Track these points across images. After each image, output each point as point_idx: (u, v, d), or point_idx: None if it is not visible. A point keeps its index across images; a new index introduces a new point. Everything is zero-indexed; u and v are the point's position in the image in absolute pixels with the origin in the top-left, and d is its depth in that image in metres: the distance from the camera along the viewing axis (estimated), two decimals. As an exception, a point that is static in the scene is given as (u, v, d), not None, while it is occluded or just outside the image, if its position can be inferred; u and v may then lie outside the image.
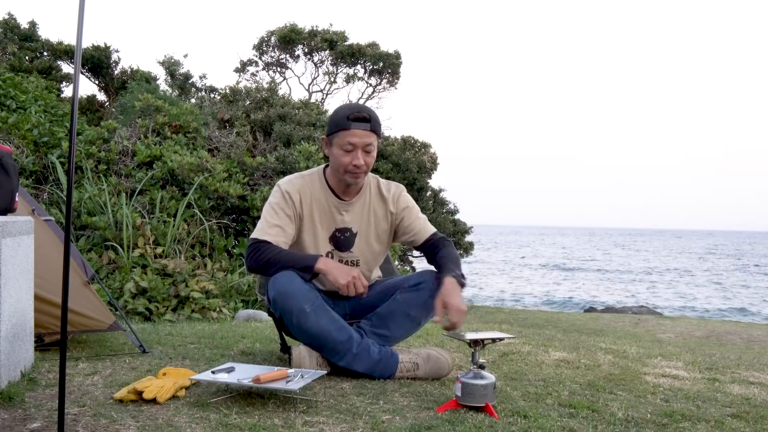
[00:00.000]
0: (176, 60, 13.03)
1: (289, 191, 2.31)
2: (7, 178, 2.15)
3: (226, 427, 1.63)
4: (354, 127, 2.22)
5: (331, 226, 2.36)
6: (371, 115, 2.25)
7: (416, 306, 2.29)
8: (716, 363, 3.04)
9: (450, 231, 11.41)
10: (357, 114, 2.22)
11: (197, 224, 6.57)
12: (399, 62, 13.16)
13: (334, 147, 2.27)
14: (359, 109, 2.26)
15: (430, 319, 2.39)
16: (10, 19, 12.59)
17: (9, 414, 1.69)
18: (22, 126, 6.91)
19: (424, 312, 2.32)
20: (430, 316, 2.39)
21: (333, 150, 2.28)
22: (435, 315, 2.10)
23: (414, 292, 2.31)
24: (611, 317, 9.64)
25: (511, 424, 1.73)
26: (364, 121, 2.22)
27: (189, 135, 8.13)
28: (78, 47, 1.39)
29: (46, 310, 2.40)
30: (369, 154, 2.26)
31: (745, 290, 24.93)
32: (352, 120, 2.21)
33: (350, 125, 2.22)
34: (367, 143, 2.24)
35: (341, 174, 2.28)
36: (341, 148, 2.24)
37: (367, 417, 1.75)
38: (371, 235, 2.40)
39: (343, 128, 2.23)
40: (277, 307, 2.19)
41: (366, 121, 2.23)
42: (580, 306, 17.49)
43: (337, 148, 2.25)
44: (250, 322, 4.28)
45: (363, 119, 2.22)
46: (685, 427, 1.80)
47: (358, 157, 2.22)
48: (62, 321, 1.39)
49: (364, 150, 2.24)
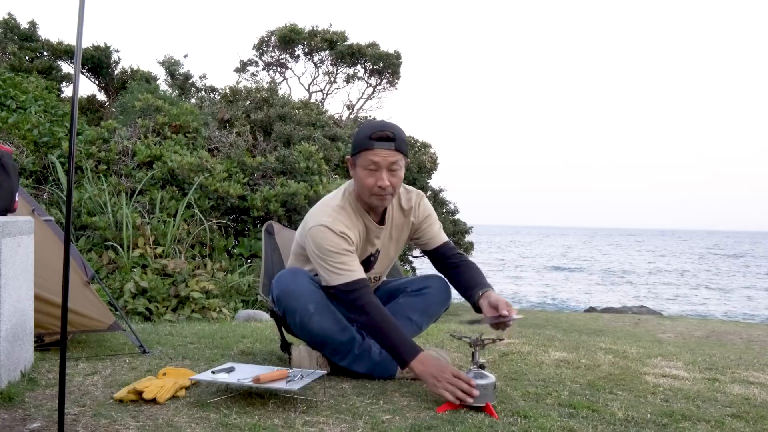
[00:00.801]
0: (176, 60, 13.02)
1: (344, 232, 2.13)
2: (7, 178, 2.15)
3: (226, 427, 1.63)
4: (377, 147, 2.09)
5: (366, 251, 2.29)
6: (395, 133, 2.12)
7: (418, 311, 2.29)
8: (716, 363, 3.04)
9: (450, 231, 11.41)
10: (380, 133, 2.10)
11: (197, 224, 6.57)
12: (399, 62, 13.15)
13: (358, 168, 2.16)
14: (382, 127, 2.13)
15: (431, 323, 2.40)
16: (10, 19, 12.59)
17: (9, 414, 1.69)
18: (22, 126, 6.91)
19: (425, 317, 2.32)
20: (432, 321, 2.39)
21: (357, 171, 2.16)
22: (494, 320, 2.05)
23: (417, 296, 2.31)
24: (611, 317, 9.64)
25: (511, 424, 1.73)
26: (388, 140, 2.10)
27: (189, 135, 8.13)
28: (78, 47, 1.39)
29: (46, 310, 2.40)
30: (394, 174, 2.13)
31: (749, 292, 24.82)
32: (374, 139, 2.10)
33: (373, 145, 2.10)
34: (391, 162, 2.11)
35: (367, 197, 2.17)
36: (365, 168, 2.12)
37: (367, 417, 1.75)
38: (392, 248, 2.37)
39: (366, 148, 2.11)
40: (280, 305, 2.19)
41: (390, 140, 2.10)
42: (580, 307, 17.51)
43: (361, 168, 2.14)
44: (250, 322, 4.28)
45: (386, 138, 2.10)
46: (685, 427, 1.80)
47: (383, 178, 2.10)
48: (62, 321, 1.39)
49: (389, 170, 2.11)
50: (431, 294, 2.30)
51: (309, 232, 2.15)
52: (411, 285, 2.35)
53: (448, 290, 2.36)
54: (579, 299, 20.58)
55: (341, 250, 2.10)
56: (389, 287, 2.41)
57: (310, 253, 2.16)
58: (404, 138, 2.16)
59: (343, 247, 2.11)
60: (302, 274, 2.20)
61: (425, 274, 2.43)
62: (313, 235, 2.13)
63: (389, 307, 2.31)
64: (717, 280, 29.04)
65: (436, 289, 2.31)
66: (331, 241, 2.11)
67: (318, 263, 2.14)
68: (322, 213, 2.18)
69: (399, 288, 2.37)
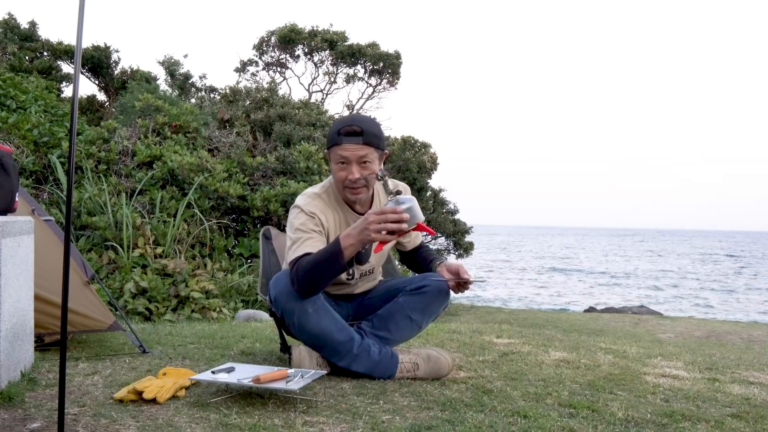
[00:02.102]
0: (176, 60, 13.02)
1: (313, 212, 2.23)
2: (7, 178, 2.15)
3: (226, 427, 1.63)
4: (345, 142, 2.16)
5: None
6: (363, 127, 2.17)
7: (418, 309, 2.29)
8: (716, 363, 3.04)
9: (450, 231, 11.41)
10: (347, 128, 2.16)
11: (197, 224, 6.57)
12: (399, 62, 13.15)
13: (331, 162, 2.25)
14: (350, 122, 2.19)
15: (432, 322, 2.40)
16: (10, 19, 12.59)
17: (9, 414, 1.69)
18: (22, 126, 6.92)
19: (425, 316, 2.32)
20: (432, 320, 2.40)
21: (331, 165, 2.25)
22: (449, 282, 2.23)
23: (416, 295, 2.31)
24: (611, 317, 9.64)
25: (511, 424, 1.73)
26: (355, 135, 2.16)
27: (189, 135, 8.13)
28: (78, 47, 1.39)
29: (46, 310, 2.40)
30: (366, 167, 2.18)
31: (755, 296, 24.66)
32: (342, 134, 2.16)
33: (341, 140, 2.17)
34: (360, 156, 2.16)
35: (341, 190, 2.24)
36: (336, 162, 2.21)
37: (367, 417, 1.75)
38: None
39: (335, 143, 2.19)
40: (279, 306, 2.19)
41: (357, 134, 2.16)
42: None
43: (333, 163, 2.22)
44: (250, 322, 4.28)
45: (353, 133, 2.16)
46: (685, 427, 1.80)
47: (353, 171, 2.17)
48: (62, 321, 1.39)
49: (359, 163, 2.17)
50: (430, 292, 2.30)
51: (288, 216, 2.29)
52: (410, 284, 2.35)
53: (447, 288, 2.37)
54: (585, 301, 20.52)
55: (306, 228, 2.20)
56: (388, 287, 2.41)
57: (287, 237, 2.26)
58: (375, 131, 2.20)
59: (309, 226, 2.20)
60: None
61: (423, 273, 2.43)
62: (289, 217, 2.27)
63: (389, 306, 2.31)
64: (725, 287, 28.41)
65: (434, 287, 2.32)
66: (300, 219, 2.22)
67: (287, 244, 2.23)
68: (300, 198, 2.30)
69: (398, 287, 2.37)
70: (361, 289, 2.44)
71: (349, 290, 2.42)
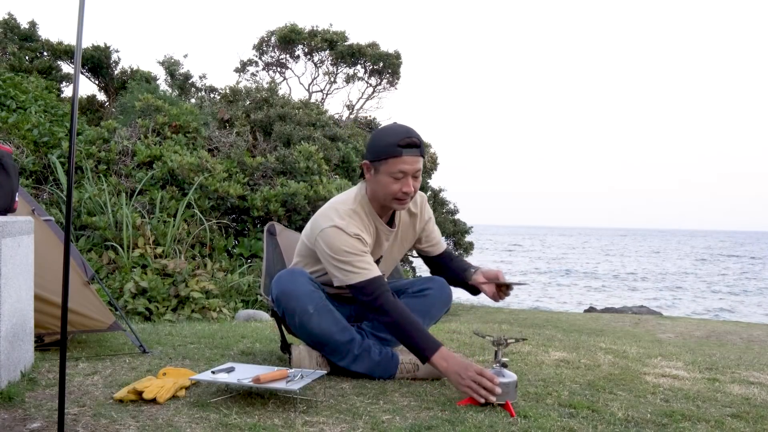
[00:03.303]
0: (176, 60, 13.01)
1: (357, 233, 2.13)
2: (7, 178, 2.15)
3: (226, 427, 1.63)
4: (406, 154, 2.08)
5: (378, 254, 2.30)
6: (420, 139, 2.13)
7: (419, 312, 2.29)
8: (716, 363, 3.04)
9: (450, 231, 11.41)
10: (408, 140, 2.09)
11: (197, 224, 6.58)
12: (399, 62, 13.14)
13: (381, 174, 2.13)
14: (408, 134, 2.11)
15: (432, 324, 2.41)
16: (10, 19, 12.58)
17: (9, 414, 1.69)
18: (22, 126, 6.92)
19: (427, 319, 2.32)
20: (433, 322, 2.41)
21: (380, 177, 2.13)
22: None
23: (418, 298, 2.31)
24: (611, 317, 9.64)
25: (511, 424, 1.73)
26: (415, 147, 2.10)
27: (189, 135, 8.13)
28: (78, 47, 1.39)
29: (46, 310, 2.40)
30: (417, 180, 2.15)
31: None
32: (403, 146, 2.08)
33: (401, 152, 2.08)
34: (417, 168, 2.13)
35: (388, 201, 2.17)
36: (391, 175, 2.11)
37: (367, 417, 1.75)
38: (395, 249, 2.38)
39: (394, 155, 2.09)
40: (280, 306, 2.19)
41: (417, 147, 2.11)
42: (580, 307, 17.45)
43: (386, 175, 2.11)
44: (250, 322, 4.28)
45: (414, 145, 2.10)
46: (685, 427, 1.80)
47: (409, 184, 2.11)
48: (62, 321, 1.39)
49: (414, 176, 2.13)
50: (432, 295, 2.30)
51: (321, 233, 2.14)
52: (412, 286, 2.35)
53: (449, 291, 2.38)
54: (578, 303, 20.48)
55: (357, 251, 2.10)
56: (391, 287, 2.41)
57: (322, 253, 2.15)
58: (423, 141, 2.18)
59: (359, 248, 2.11)
60: (301, 275, 2.20)
61: (426, 276, 2.43)
62: (327, 236, 2.12)
63: None
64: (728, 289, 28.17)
65: (437, 290, 2.32)
66: (347, 242, 2.10)
67: (332, 264, 2.13)
68: (336, 215, 2.16)
69: (400, 289, 2.37)
70: None
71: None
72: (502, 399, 1.87)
